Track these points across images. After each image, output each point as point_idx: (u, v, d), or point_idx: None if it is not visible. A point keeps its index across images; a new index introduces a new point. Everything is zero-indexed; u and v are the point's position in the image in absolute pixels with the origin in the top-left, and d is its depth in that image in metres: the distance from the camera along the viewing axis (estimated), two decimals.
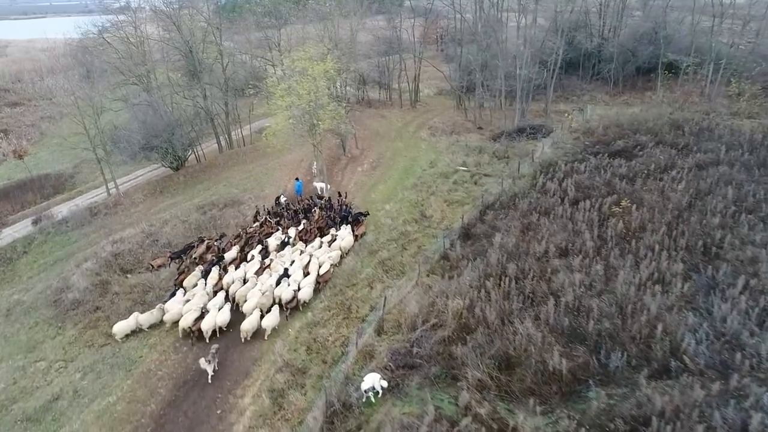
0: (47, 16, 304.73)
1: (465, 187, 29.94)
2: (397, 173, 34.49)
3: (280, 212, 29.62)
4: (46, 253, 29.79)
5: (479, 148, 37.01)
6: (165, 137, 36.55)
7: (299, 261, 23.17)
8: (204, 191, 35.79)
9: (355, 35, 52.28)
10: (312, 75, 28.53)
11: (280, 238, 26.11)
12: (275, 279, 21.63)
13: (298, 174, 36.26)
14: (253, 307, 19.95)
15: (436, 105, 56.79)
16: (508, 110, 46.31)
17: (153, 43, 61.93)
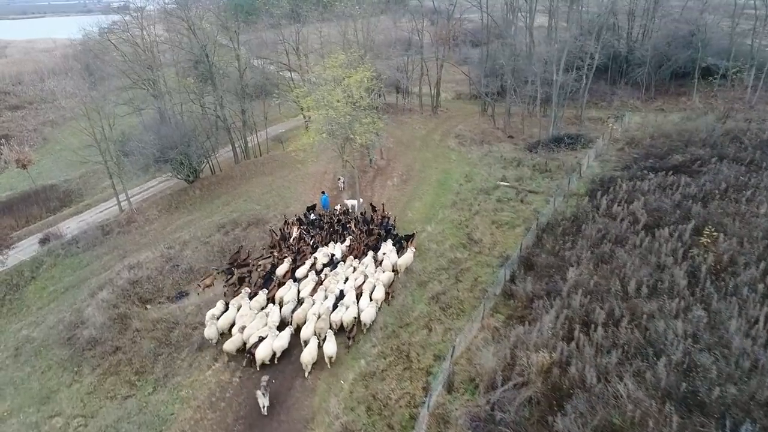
0: (46, 15, 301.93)
1: (511, 205, 27.55)
2: (431, 188, 32.11)
3: (317, 225, 27.67)
4: (56, 279, 27.38)
5: (517, 160, 34.63)
6: (180, 149, 34.09)
7: (353, 281, 21.22)
8: (223, 207, 33.39)
9: (373, 37, 50.10)
10: (347, 84, 26.16)
11: (328, 255, 24.08)
12: (331, 301, 19.80)
13: (322, 187, 33.95)
14: (311, 333, 18.19)
15: (457, 110, 54.41)
16: (540, 117, 43.91)
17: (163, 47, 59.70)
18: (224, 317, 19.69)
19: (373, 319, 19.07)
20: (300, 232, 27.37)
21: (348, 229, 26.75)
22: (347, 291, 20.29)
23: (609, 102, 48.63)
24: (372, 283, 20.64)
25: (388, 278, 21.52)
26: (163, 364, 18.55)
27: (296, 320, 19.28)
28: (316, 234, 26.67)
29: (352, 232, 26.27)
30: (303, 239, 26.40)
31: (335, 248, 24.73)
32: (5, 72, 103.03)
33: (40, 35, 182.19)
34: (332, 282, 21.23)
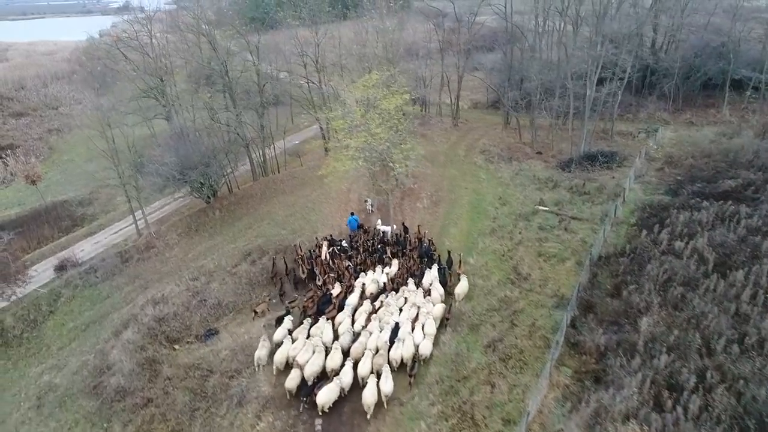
0: (46, 16, 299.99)
1: (555, 234, 26.11)
2: (465, 212, 30.66)
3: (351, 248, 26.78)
4: (75, 313, 25.91)
5: (552, 181, 33.20)
6: (200, 170, 32.57)
7: (407, 312, 20.29)
8: (246, 231, 31.91)
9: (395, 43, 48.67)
10: (385, 109, 24.74)
11: (376, 281, 23.02)
12: (387, 333, 18.86)
13: (348, 208, 32.54)
14: (369, 369, 17.32)
15: (476, 121, 52.97)
16: (567, 131, 42.49)
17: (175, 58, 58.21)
18: (280, 352, 18.75)
19: (430, 351, 18.33)
20: (332, 250, 26.43)
21: (385, 254, 25.59)
22: (402, 323, 19.42)
23: (635, 114, 47.24)
24: (425, 313, 20.00)
25: (440, 312, 20.47)
26: (201, 423, 17.11)
27: (354, 355, 18.26)
28: (353, 257, 25.70)
29: (390, 257, 25.12)
30: (335, 260, 25.42)
31: (379, 275, 23.68)
32: (7, 77, 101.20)
33: (40, 37, 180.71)
34: (386, 314, 20.18)
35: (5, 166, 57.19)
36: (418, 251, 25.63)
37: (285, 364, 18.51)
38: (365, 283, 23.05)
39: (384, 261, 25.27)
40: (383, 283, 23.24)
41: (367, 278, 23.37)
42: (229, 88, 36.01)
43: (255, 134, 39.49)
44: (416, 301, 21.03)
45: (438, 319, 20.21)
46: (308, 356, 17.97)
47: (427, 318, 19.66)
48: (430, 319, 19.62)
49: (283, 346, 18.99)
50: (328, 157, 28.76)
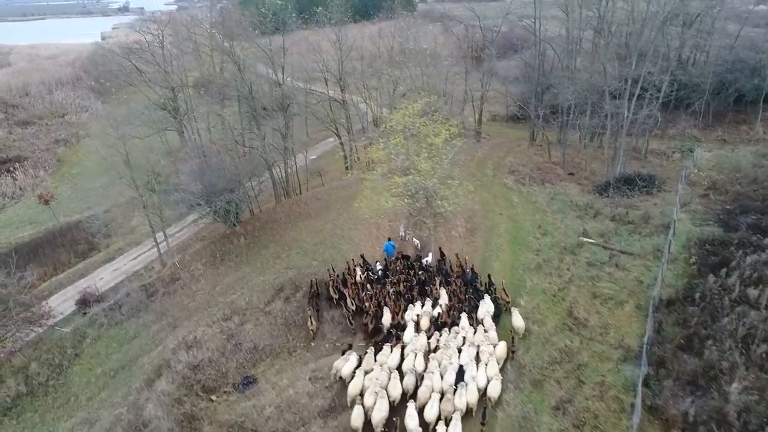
0: (47, 17, 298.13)
1: (607, 272, 24.79)
2: (504, 242, 29.37)
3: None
4: (102, 356, 24.56)
5: (591, 208, 31.92)
6: (225, 196, 31.24)
7: (467, 352, 19.27)
8: (274, 261, 30.57)
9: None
10: (433, 143, 23.46)
11: (429, 314, 22.06)
12: (452, 377, 17.91)
13: (381, 235, 31.31)
14: (436, 415, 16.54)
15: (498, 135, 51.78)
16: (599, 151, 41.28)
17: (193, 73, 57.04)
18: (354, 384, 18.20)
19: (499, 393, 17.55)
20: (367, 274, 25.71)
21: (430, 284, 24.51)
22: (467, 365, 18.53)
23: (663, 130, 45.93)
24: (487, 353, 19.10)
25: (503, 351, 19.54)
26: None
27: (422, 400, 17.32)
28: (387, 284, 24.84)
29: (438, 287, 24.00)
30: (373, 286, 24.73)
31: (429, 308, 22.65)
32: (11, 83, 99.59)
33: (42, 39, 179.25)
34: (445, 357, 19.08)
35: (14, 180, 55.80)
36: (462, 280, 24.73)
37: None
38: (419, 316, 22.09)
39: (430, 292, 24.10)
40: (437, 315, 22.18)
41: (418, 311, 22.41)
42: (253, 109, 34.62)
43: (277, 154, 38.12)
44: (475, 340, 20.15)
45: (501, 359, 19.32)
46: (373, 399, 17.12)
47: (489, 359, 18.87)
48: (493, 360, 18.82)
49: (356, 380, 18.47)
50: (363, 186, 27.45)
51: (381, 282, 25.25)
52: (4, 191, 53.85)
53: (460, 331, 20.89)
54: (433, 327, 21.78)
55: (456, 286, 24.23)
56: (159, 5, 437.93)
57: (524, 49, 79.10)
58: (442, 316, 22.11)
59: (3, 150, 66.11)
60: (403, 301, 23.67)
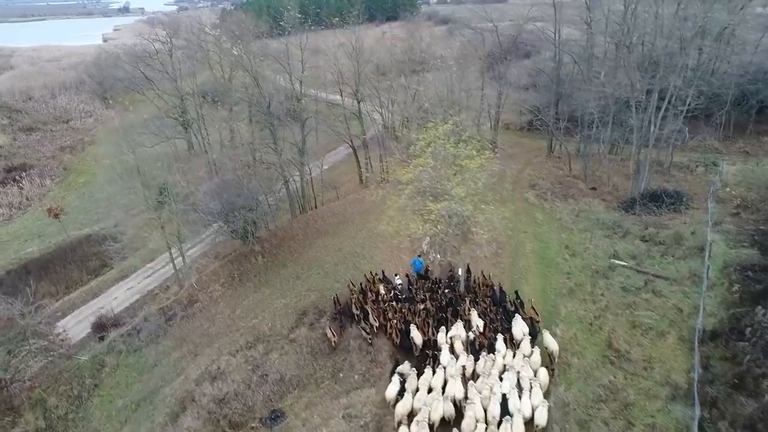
0: (47, 18, 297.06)
1: (643, 298, 23.96)
2: (532, 263, 28.57)
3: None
4: (122, 387, 23.72)
5: (620, 227, 31.03)
6: (242, 215, 30.40)
7: (508, 379, 18.66)
8: (294, 282, 29.73)
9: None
10: (468, 168, 22.66)
11: (461, 337, 21.49)
12: (496, 407, 17.30)
13: (403, 254, 30.51)
14: None
15: (512, 146, 50.65)
16: (620, 164, 40.42)
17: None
18: (402, 405, 18.03)
19: (546, 420, 17.01)
20: (393, 294, 25.30)
21: (459, 304, 23.90)
22: (509, 393, 17.94)
23: (683, 142, 45.03)
24: (527, 379, 18.52)
25: (545, 377, 18.99)
26: None
27: (467, 431, 16.77)
28: (422, 300, 24.50)
29: (469, 308, 23.32)
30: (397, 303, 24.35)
31: (461, 329, 22.01)
32: (14, 87, 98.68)
33: (44, 41, 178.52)
34: (486, 385, 18.38)
35: (20, 190, 54.90)
36: (492, 300, 24.22)
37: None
38: (452, 339, 21.43)
39: (461, 312, 23.46)
40: (473, 337, 21.58)
41: (452, 332, 21.80)
42: (271, 124, 33.73)
43: (294, 168, 37.28)
44: (515, 365, 19.54)
45: (545, 385, 18.71)
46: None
47: (533, 385, 18.31)
48: (537, 386, 18.24)
49: (404, 400, 18.28)
50: (388, 206, 26.58)
51: (407, 300, 24.80)
52: (10, 201, 52.95)
53: (498, 356, 20.26)
54: (468, 349, 21.20)
55: (485, 306, 23.73)
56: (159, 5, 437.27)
57: (534, 54, 78.38)
58: (478, 338, 21.50)
59: (8, 157, 65.22)
60: (432, 319, 23.20)
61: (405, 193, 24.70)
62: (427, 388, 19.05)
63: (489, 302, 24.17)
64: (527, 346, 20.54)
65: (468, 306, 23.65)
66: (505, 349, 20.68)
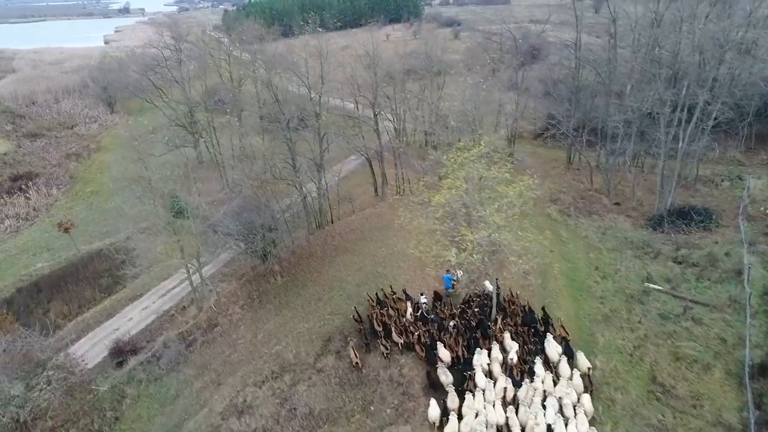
0: (47, 18, 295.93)
1: (684, 327, 23.15)
2: (562, 286, 27.77)
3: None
4: (144, 420, 22.84)
5: (649, 246, 30.25)
6: (262, 235, 29.55)
7: (551, 407, 18.30)
8: (316, 304, 28.87)
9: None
10: (505, 194, 21.86)
11: (498, 359, 21.24)
12: None
13: (426, 274, 29.66)
14: None
15: (529, 156, 49.80)
16: (644, 178, 39.58)
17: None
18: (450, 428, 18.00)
19: None
20: (420, 313, 24.99)
21: (488, 324, 23.43)
22: (554, 425, 17.51)
23: (705, 154, 44.21)
24: (571, 406, 18.10)
25: (589, 404, 18.51)
26: None
27: None
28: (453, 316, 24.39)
29: (501, 329, 22.88)
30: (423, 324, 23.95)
31: (496, 351, 21.65)
32: (18, 91, 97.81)
33: (45, 43, 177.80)
34: (530, 416, 17.86)
35: (27, 200, 53.97)
36: (522, 320, 23.80)
37: None
38: (489, 363, 21.06)
39: (491, 333, 23.03)
40: (511, 362, 21.13)
41: (486, 356, 21.44)
42: (289, 140, 32.84)
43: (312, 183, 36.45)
44: (556, 392, 19.12)
45: (590, 413, 18.22)
46: None
47: (577, 412, 17.92)
48: (581, 413, 17.86)
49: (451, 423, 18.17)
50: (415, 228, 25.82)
51: (435, 320, 24.38)
52: (17, 212, 52.01)
53: (538, 382, 19.67)
54: (505, 372, 20.72)
55: (516, 325, 23.42)
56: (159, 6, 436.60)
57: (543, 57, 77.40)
58: (516, 367, 20.97)
59: (13, 165, 64.31)
60: (461, 337, 22.93)
61: (436, 217, 23.90)
62: (474, 413, 18.50)
63: (519, 322, 23.75)
64: (566, 369, 20.17)
65: (500, 326, 23.15)
66: (544, 373, 20.22)
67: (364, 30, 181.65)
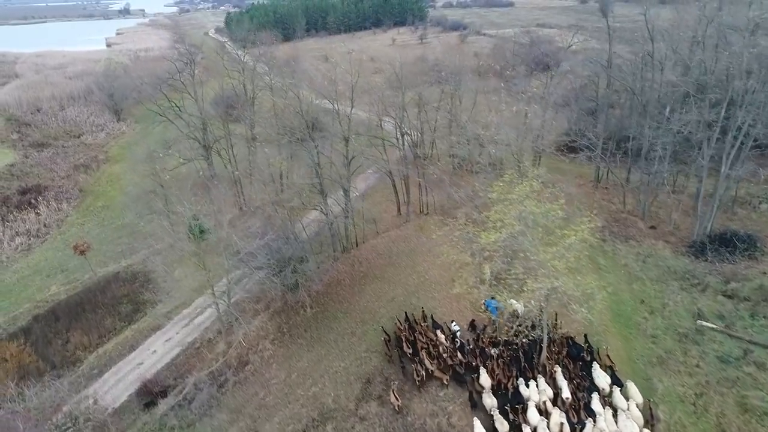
0: (47, 20, 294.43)
1: (748, 374, 21.97)
2: (607, 320, 26.60)
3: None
4: None
5: (695, 277, 29.10)
6: (294, 266, 28.36)
7: None
8: (350, 340, 27.71)
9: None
10: (566, 237, 20.71)
11: (549, 395, 20.84)
12: None
13: (462, 306, 28.62)
14: None
15: (551, 171, 48.47)
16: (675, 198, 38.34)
17: None
18: None
19: None
20: (460, 345, 24.61)
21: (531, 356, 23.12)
22: None
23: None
24: None
25: None
26: None
27: None
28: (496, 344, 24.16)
29: (550, 363, 22.51)
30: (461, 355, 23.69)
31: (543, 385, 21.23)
32: (22, 98, 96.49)
33: (47, 46, 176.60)
34: None
35: (37, 216, 52.69)
36: (568, 353, 23.47)
37: None
38: (545, 401, 20.52)
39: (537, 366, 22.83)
40: (567, 400, 20.47)
41: (536, 390, 21.03)
42: (317, 164, 31.60)
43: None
44: (619, 427, 18.67)
45: None
46: None
47: None
48: None
49: None
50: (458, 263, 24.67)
51: (472, 349, 24.28)
52: (28, 229, 50.76)
53: (601, 422, 19.06)
54: (558, 408, 20.23)
55: (562, 357, 23.13)
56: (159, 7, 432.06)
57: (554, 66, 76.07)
58: (569, 401, 20.48)
59: (21, 177, 63.16)
60: (506, 366, 22.80)
61: (484, 257, 22.80)
62: None
63: (566, 354, 23.40)
64: (621, 401, 19.90)
65: (547, 357, 22.83)
66: (603, 409, 19.70)
67: (368, 33, 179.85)
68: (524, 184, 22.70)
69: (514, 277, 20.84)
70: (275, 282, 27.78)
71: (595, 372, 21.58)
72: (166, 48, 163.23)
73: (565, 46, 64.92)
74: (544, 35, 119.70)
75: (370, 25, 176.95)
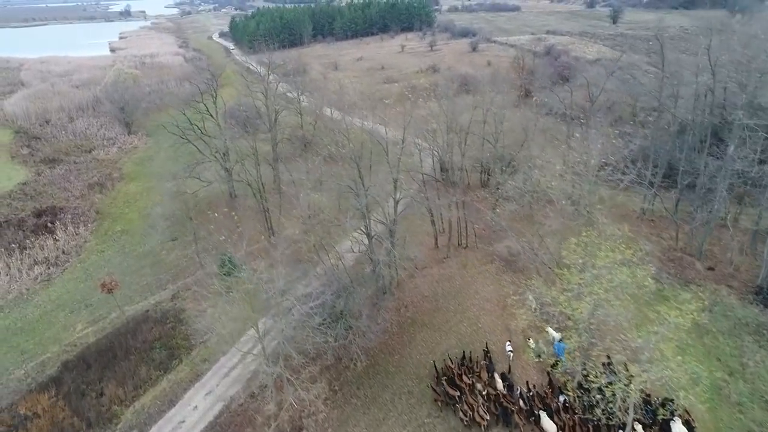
0: (48, 22, 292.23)
1: None
2: (685, 383, 24.85)
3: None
4: None
5: None
6: (347, 323, 26.73)
7: None
8: (408, 400, 26.09)
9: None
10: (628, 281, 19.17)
11: None
12: None
13: (517, 354, 27.16)
14: None
15: None
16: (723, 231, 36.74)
17: None
18: None
19: None
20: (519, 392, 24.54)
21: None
22: None
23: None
24: None
25: None
26: None
27: None
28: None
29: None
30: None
31: None
32: (30, 109, 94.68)
33: (50, 50, 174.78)
34: None
35: (55, 241, 50.85)
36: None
37: None
38: None
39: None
40: None
41: None
42: (365, 206, 29.94)
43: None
44: None
45: None
46: None
47: None
48: None
49: None
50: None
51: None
52: (47, 257, 48.89)
53: None
54: None
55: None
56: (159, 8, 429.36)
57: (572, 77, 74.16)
58: None
59: (35, 197, 61.38)
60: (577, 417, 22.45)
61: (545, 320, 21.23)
62: None
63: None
64: None
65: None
66: None
67: (375, 39, 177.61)
68: (609, 247, 21.01)
69: (607, 356, 19.20)
70: (329, 339, 26.05)
71: (674, 426, 21.15)
72: (172, 54, 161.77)
73: (606, 69, 61.39)
74: (558, 43, 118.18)
75: (377, 30, 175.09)
